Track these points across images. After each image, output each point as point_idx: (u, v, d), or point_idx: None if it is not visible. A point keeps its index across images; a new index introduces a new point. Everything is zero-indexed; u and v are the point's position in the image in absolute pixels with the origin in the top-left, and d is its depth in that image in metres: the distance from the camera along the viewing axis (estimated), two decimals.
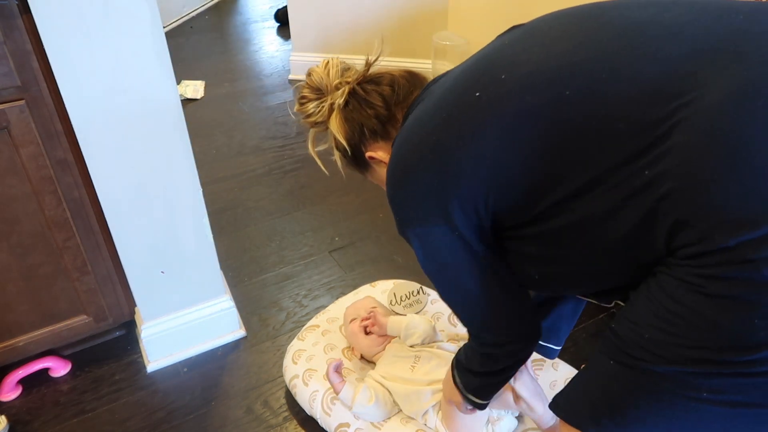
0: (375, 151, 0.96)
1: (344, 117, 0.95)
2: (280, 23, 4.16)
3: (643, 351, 0.66)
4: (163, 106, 1.22)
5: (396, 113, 0.94)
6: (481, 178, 0.75)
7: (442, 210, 0.79)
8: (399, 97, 0.94)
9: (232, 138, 2.68)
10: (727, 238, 0.57)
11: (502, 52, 0.77)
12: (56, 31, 1.06)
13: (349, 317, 1.45)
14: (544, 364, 1.37)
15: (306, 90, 0.99)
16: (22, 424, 1.40)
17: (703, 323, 0.61)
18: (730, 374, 0.61)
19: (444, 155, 0.77)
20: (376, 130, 0.94)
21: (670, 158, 0.61)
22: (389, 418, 1.26)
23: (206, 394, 1.47)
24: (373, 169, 1.01)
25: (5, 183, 1.20)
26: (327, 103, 0.96)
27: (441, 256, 0.85)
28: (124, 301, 1.49)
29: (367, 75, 0.97)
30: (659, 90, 0.63)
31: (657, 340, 0.65)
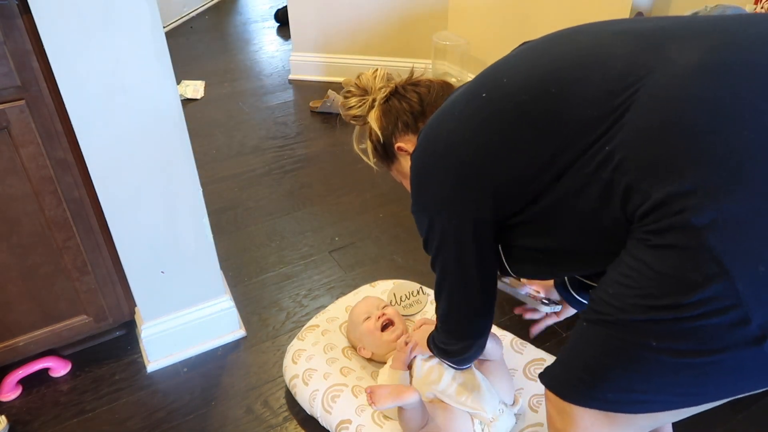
0: (405, 143, 1.08)
1: (383, 110, 1.09)
2: (280, 23, 4.17)
3: (606, 305, 0.73)
4: (163, 106, 1.22)
5: (427, 112, 1.05)
6: (487, 167, 0.83)
7: (454, 198, 0.88)
8: (432, 97, 1.07)
9: (232, 138, 2.68)
10: (660, 192, 0.65)
11: (507, 61, 0.88)
12: (56, 31, 1.07)
13: (362, 316, 1.43)
14: (544, 363, 1.37)
15: (353, 87, 1.14)
16: (22, 424, 1.40)
17: (649, 272, 0.67)
18: (672, 320, 0.66)
19: (454, 147, 0.86)
20: (408, 123, 1.07)
21: (622, 132, 0.70)
22: (391, 418, 1.26)
23: (206, 394, 1.47)
24: (398, 161, 1.12)
25: (5, 183, 1.20)
26: (370, 98, 1.11)
27: (442, 239, 0.93)
28: (124, 301, 1.49)
29: (409, 80, 1.12)
30: (622, 78, 0.72)
31: (617, 294, 0.71)
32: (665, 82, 0.69)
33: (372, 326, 1.39)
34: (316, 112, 2.87)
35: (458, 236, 0.90)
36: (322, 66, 3.20)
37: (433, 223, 0.92)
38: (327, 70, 3.19)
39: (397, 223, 2.05)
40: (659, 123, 0.67)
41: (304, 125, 2.78)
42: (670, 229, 0.65)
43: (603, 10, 2.16)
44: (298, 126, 2.78)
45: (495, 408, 1.21)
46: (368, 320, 1.41)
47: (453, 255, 0.93)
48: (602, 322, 0.74)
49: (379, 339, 1.38)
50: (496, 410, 1.21)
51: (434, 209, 0.92)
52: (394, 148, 1.09)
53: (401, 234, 2.00)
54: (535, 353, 1.41)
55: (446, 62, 2.88)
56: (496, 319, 1.61)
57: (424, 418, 1.19)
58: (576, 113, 0.74)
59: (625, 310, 0.70)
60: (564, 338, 1.57)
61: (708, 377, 0.68)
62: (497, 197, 0.84)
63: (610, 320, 0.72)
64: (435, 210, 0.91)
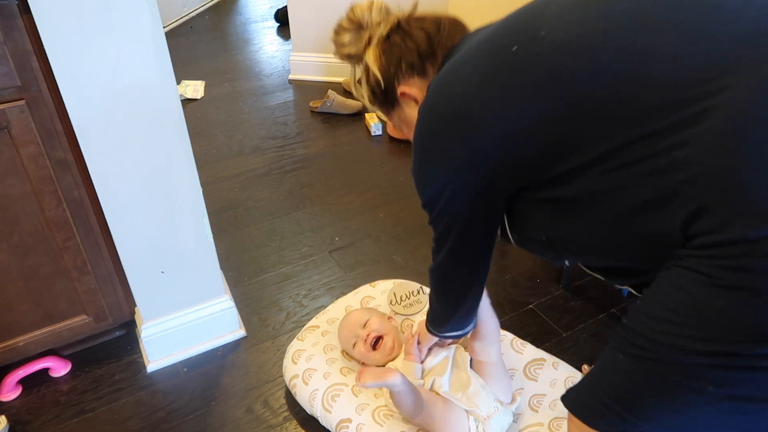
0: (410, 87, 0.95)
1: (382, 49, 0.94)
2: (280, 23, 4.17)
3: (653, 344, 0.66)
4: (163, 106, 1.22)
5: (437, 52, 0.92)
6: (497, 132, 0.75)
7: (459, 163, 0.81)
8: (442, 36, 0.92)
9: (232, 138, 2.68)
10: (751, 229, 0.56)
11: (543, 9, 0.74)
12: (56, 31, 1.06)
13: (350, 342, 1.39)
14: (544, 363, 1.38)
15: (345, 22, 0.98)
16: (22, 424, 1.40)
17: (715, 315, 0.60)
18: (739, 368, 0.60)
19: (469, 105, 0.77)
20: (414, 64, 0.93)
21: (699, 142, 0.60)
22: (392, 416, 1.26)
23: (206, 394, 1.47)
24: (401, 107, 0.99)
25: (5, 183, 1.20)
26: (366, 34, 0.95)
27: (447, 203, 0.86)
28: (124, 301, 1.49)
29: (413, 13, 0.97)
30: (697, 71, 0.61)
31: (667, 332, 0.64)
32: (757, 92, 0.58)
33: (363, 350, 1.36)
34: (316, 112, 2.87)
35: (465, 201, 0.84)
36: (322, 66, 3.20)
37: (438, 186, 0.85)
38: (327, 70, 3.19)
39: (397, 223, 2.05)
40: (757, 146, 0.57)
41: (304, 125, 2.78)
42: (755, 271, 0.57)
43: None
44: (298, 126, 2.78)
45: (490, 406, 1.21)
46: (357, 345, 1.38)
47: (457, 218, 0.88)
48: (646, 359, 0.67)
49: (374, 358, 1.37)
50: (490, 408, 1.21)
51: (441, 173, 0.84)
52: (396, 92, 0.96)
53: (401, 234, 2.00)
54: (535, 353, 1.41)
55: None
56: None
57: (418, 403, 1.17)
58: (630, 99, 0.64)
59: (678, 352, 0.64)
60: (564, 338, 1.57)
61: (765, 421, 0.64)
62: (517, 171, 0.77)
63: (657, 359, 0.66)
64: (442, 174, 0.84)
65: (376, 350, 1.36)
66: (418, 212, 2.08)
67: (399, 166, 2.38)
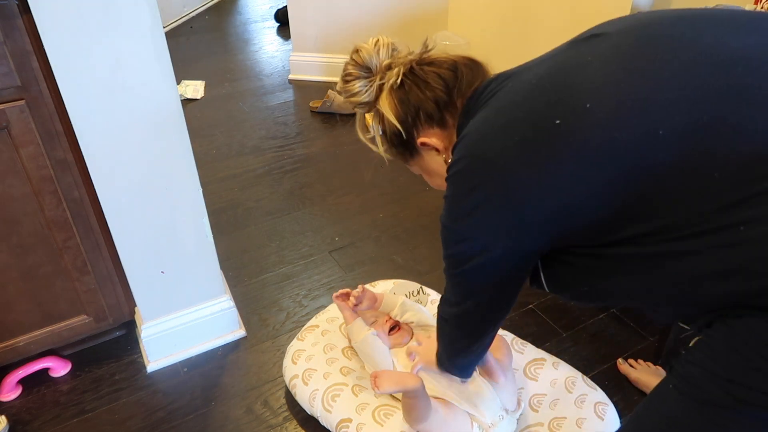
0: (429, 137, 0.90)
1: (398, 98, 0.89)
2: (280, 23, 4.16)
3: (725, 394, 0.66)
4: (163, 106, 1.22)
5: (456, 100, 0.88)
6: (549, 207, 0.72)
7: (502, 231, 0.77)
8: (461, 84, 0.88)
9: (232, 138, 2.68)
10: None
11: (585, 71, 0.70)
12: (56, 31, 1.06)
13: (369, 320, 1.39)
14: (544, 363, 1.38)
15: (352, 67, 0.93)
16: (22, 424, 1.40)
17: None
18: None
19: (511, 179, 0.73)
20: (432, 115, 0.89)
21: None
22: (392, 416, 1.26)
23: (206, 394, 1.47)
24: (421, 156, 0.95)
25: (5, 183, 1.20)
26: (377, 82, 0.91)
27: (477, 264, 0.82)
28: (124, 301, 1.49)
29: (424, 56, 0.92)
30: (764, 147, 0.60)
31: (748, 385, 0.64)
32: None
33: (380, 329, 1.37)
34: (316, 112, 2.87)
35: (501, 263, 0.80)
36: (322, 66, 3.20)
37: (470, 246, 0.81)
38: (327, 70, 3.19)
39: (397, 223, 2.05)
40: None
41: (304, 125, 2.78)
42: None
43: (603, 10, 2.16)
44: (298, 126, 2.78)
45: (495, 414, 1.20)
46: (375, 324, 1.39)
47: (485, 280, 0.84)
48: (731, 409, 0.66)
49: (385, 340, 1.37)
50: (495, 416, 1.20)
51: (479, 235, 0.79)
52: (415, 142, 0.92)
53: (401, 234, 2.00)
54: (536, 353, 1.41)
55: None
56: None
57: (428, 410, 1.18)
58: (692, 171, 0.62)
59: (756, 405, 0.64)
60: (564, 338, 1.57)
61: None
62: (568, 239, 0.74)
63: (739, 409, 0.65)
64: (480, 236, 0.79)
65: (390, 335, 1.37)
66: (418, 212, 2.10)
67: (399, 166, 2.36)
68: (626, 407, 1.38)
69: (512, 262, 0.80)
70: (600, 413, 1.26)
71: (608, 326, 1.60)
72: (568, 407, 1.28)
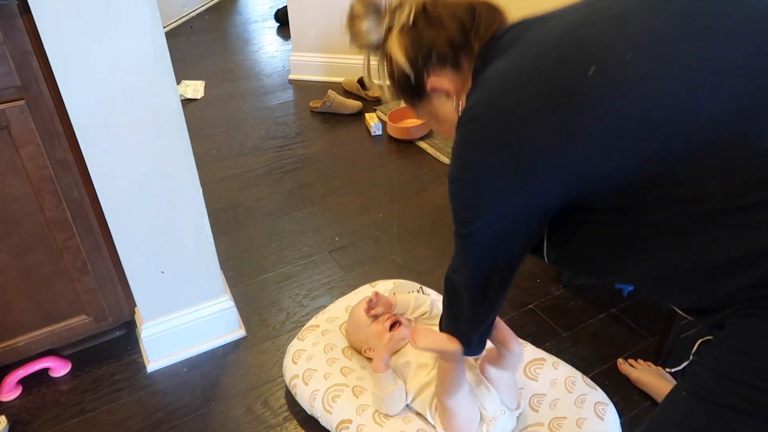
0: (440, 80, 0.85)
1: (409, 38, 0.83)
2: (280, 23, 4.16)
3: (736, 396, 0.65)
4: (163, 106, 1.22)
5: (473, 43, 0.82)
6: (567, 170, 0.67)
7: (508, 186, 0.72)
8: (479, 26, 0.81)
9: (232, 138, 2.68)
10: None
11: (625, 23, 0.64)
12: (56, 31, 1.06)
13: (368, 318, 1.38)
14: (544, 363, 1.37)
15: (358, 7, 0.86)
16: (22, 424, 1.40)
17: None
18: None
19: (528, 135, 0.68)
20: (446, 56, 0.83)
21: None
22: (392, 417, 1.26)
23: (206, 394, 1.47)
24: (430, 101, 0.89)
25: (5, 183, 1.20)
26: (385, 20, 0.85)
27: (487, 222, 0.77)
28: (124, 301, 1.49)
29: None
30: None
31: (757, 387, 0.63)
32: None
33: (381, 328, 1.36)
34: (316, 112, 2.87)
35: (509, 221, 0.76)
36: (322, 66, 3.20)
37: (479, 200, 0.76)
38: (327, 70, 3.19)
39: (397, 224, 2.05)
40: None
41: (304, 125, 2.78)
42: None
43: None
44: (298, 126, 2.78)
45: (496, 409, 1.21)
46: (376, 322, 1.38)
47: (495, 238, 0.79)
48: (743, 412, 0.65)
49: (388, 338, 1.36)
50: (497, 411, 1.21)
51: (487, 188, 0.74)
52: (425, 85, 0.86)
53: (401, 234, 2.00)
54: (536, 353, 1.41)
55: None
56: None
57: (462, 381, 1.15)
58: (732, 144, 0.59)
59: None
60: (564, 338, 1.57)
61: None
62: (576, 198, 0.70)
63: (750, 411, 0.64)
64: (491, 193, 0.74)
65: (391, 331, 1.35)
66: (418, 212, 2.09)
67: (399, 166, 2.38)
68: (626, 407, 1.38)
69: (523, 218, 0.75)
70: (600, 413, 1.26)
71: (608, 326, 1.60)
72: (568, 407, 1.28)
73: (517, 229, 0.78)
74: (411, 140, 2.55)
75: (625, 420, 1.32)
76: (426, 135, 2.58)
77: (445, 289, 1.00)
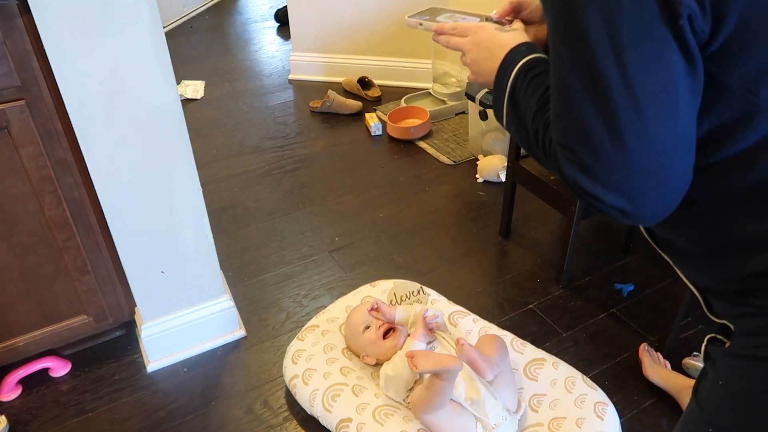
0: None
1: None
2: (280, 23, 4.16)
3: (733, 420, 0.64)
4: (163, 106, 1.22)
5: None
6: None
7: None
8: None
9: (232, 138, 2.68)
10: None
11: None
12: (56, 31, 1.07)
13: (361, 326, 1.40)
14: (544, 363, 1.38)
15: None
16: (22, 424, 1.40)
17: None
18: None
19: None
20: None
21: None
22: (392, 416, 1.26)
23: (206, 394, 1.47)
24: None
25: (5, 183, 1.20)
26: None
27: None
28: (124, 301, 1.49)
29: None
30: None
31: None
32: None
33: (374, 336, 1.37)
34: (316, 112, 2.87)
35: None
36: (322, 66, 3.20)
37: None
38: (327, 70, 3.19)
39: (397, 223, 2.05)
40: None
41: (304, 125, 2.78)
42: None
43: None
44: (298, 126, 2.78)
45: (498, 416, 1.21)
46: (368, 330, 1.39)
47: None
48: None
49: (383, 347, 1.37)
50: (499, 417, 1.21)
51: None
52: None
53: (401, 234, 2.00)
54: (536, 353, 1.41)
55: (446, 62, 2.88)
56: (495, 319, 1.61)
57: (448, 400, 1.16)
58: None
59: None
60: (564, 338, 1.57)
61: None
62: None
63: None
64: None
65: (385, 339, 1.37)
66: (418, 212, 2.10)
67: (399, 166, 2.38)
68: (626, 407, 1.38)
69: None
70: (600, 413, 1.26)
71: (608, 326, 1.60)
72: (568, 407, 1.28)
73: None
74: (411, 140, 2.55)
75: (625, 420, 1.32)
76: (426, 135, 2.58)
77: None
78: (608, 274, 1.79)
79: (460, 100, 2.74)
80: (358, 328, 1.40)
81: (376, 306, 1.39)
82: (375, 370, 1.40)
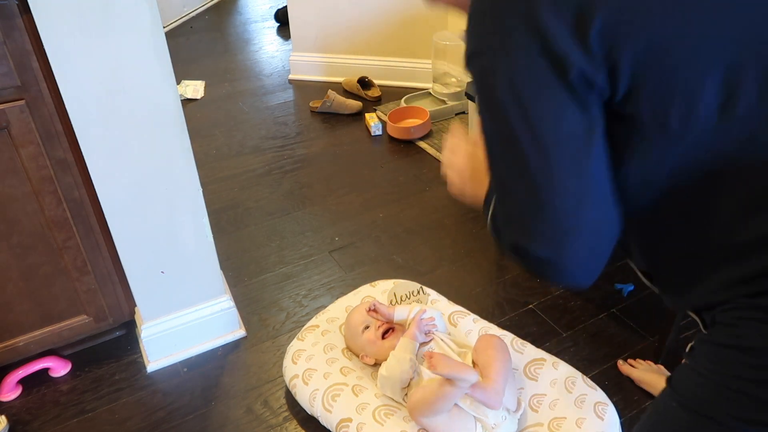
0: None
1: None
2: (280, 23, 4.16)
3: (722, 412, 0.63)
4: (163, 106, 1.22)
5: None
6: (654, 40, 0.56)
7: (534, 22, 0.57)
8: None
9: (232, 138, 2.68)
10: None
11: None
12: (56, 31, 1.07)
13: (360, 326, 1.40)
14: (544, 363, 1.37)
15: None
16: (22, 424, 1.40)
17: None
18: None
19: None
20: None
21: None
22: (392, 416, 1.26)
23: (206, 394, 1.47)
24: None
25: (5, 183, 1.20)
26: None
27: (512, 90, 0.59)
28: (124, 301, 1.49)
29: None
30: None
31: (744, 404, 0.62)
32: None
33: (373, 336, 1.38)
34: (316, 112, 2.87)
35: (545, 74, 0.58)
36: (322, 66, 3.20)
37: (495, 64, 0.60)
38: (327, 70, 3.19)
39: (397, 223, 2.05)
40: None
41: (304, 125, 2.78)
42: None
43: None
44: (298, 126, 2.78)
45: (498, 416, 1.21)
46: (368, 330, 1.39)
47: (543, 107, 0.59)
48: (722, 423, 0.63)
49: (381, 347, 1.37)
50: (498, 417, 1.21)
51: (496, 29, 0.60)
52: None
53: (401, 234, 2.00)
54: (535, 353, 1.41)
55: (446, 62, 2.88)
56: (495, 319, 1.61)
57: (450, 406, 1.17)
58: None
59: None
60: (564, 338, 1.57)
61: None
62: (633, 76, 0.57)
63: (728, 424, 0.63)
64: (496, 30, 0.60)
65: (384, 339, 1.37)
66: (418, 212, 2.10)
67: (399, 166, 2.38)
68: (626, 407, 1.38)
69: (553, 72, 0.58)
70: (600, 413, 1.26)
71: (608, 326, 1.60)
72: (567, 407, 1.28)
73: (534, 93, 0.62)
74: (411, 140, 2.55)
75: (624, 420, 1.32)
76: (426, 135, 2.58)
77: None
78: (608, 274, 1.79)
79: (460, 100, 2.73)
80: (358, 328, 1.40)
81: (373, 307, 1.39)
82: (375, 370, 1.40)
